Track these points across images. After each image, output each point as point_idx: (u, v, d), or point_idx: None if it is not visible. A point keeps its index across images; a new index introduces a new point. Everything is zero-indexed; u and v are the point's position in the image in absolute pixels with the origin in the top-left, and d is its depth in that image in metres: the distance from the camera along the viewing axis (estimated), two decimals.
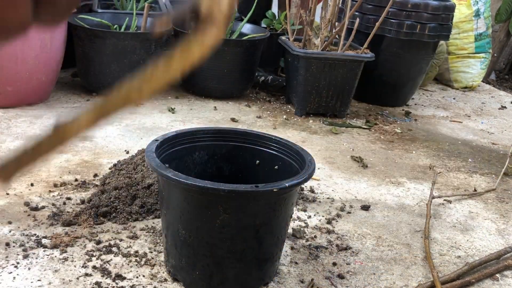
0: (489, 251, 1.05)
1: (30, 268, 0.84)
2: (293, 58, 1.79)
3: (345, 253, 0.99)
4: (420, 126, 1.91)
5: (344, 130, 1.75)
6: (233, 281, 0.80)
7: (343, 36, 1.81)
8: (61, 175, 1.19)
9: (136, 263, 0.88)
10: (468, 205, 1.27)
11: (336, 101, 1.83)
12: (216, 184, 0.70)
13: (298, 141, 1.58)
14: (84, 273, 0.84)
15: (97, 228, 0.97)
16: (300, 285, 0.87)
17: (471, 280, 0.92)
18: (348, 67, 1.77)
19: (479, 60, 2.53)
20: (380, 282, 0.91)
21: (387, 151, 1.59)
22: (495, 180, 1.43)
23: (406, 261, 0.98)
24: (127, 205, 1.03)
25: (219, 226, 0.75)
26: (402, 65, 2.05)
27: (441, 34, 2.02)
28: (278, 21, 2.27)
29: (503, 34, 2.89)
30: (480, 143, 1.78)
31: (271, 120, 1.77)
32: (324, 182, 1.31)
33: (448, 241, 1.08)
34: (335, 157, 1.49)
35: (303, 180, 0.76)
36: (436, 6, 1.97)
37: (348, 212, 1.16)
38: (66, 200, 1.07)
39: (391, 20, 1.97)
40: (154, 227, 1.00)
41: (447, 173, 1.46)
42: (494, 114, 2.20)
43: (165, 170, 0.73)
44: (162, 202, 0.81)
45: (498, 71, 3.15)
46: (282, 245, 0.85)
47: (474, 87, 2.57)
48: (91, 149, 1.35)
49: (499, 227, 1.17)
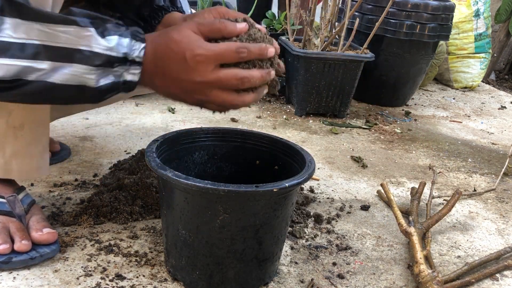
0: (489, 251, 1.05)
1: (30, 268, 0.84)
2: (293, 58, 1.79)
3: (345, 253, 0.99)
4: (420, 126, 1.91)
5: (344, 130, 1.75)
6: (233, 281, 0.80)
7: (343, 36, 1.81)
8: (61, 175, 1.19)
9: (136, 263, 0.88)
10: (468, 205, 1.27)
11: (336, 101, 1.83)
12: (216, 184, 0.71)
13: (298, 141, 1.58)
14: (84, 273, 0.84)
15: (97, 228, 0.97)
16: (300, 285, 0.88)
17: (471, 280, 0.92)
18: (348, 67, 1.77)
19: (479, 60, 2.53)
20: (380, 282, 0.91)
21: (387, 151, 1.60)
22: (495, 180, 1.44)
23: (406, 261, 0.98)
24: (127, 205, 1.03)
25: (219, 226, 0.75)
26: (402, 65, 2.05)
27: (441, 34, 2.02)
28: (278, 21, 2.27)
29: (503, 34, 2.89)
30: (480, 143, 1.78)
31: (271, 120, 1.77)
32: (324, 182, 1.31)
33: (448, 241, 1.08)
34: (335, 157, 1.50)
35: (303, 180, 0.76)
36: (436, 6, 1.97)
37: (348, 212, 1.16)
38: (66, 200, 1.07)
39: (391, 20, 1.97)
40: (154, 227, 1.00)
41: (447, 173, 1.47)
42: (494, 114, 2.20)
43: (165, 170, 0.73)
44: (162, 202, 0.81)
45: (498, 71, 3.15)
46: (282, 245, 0.85)
47: (474, 87, 2.58)
48: (91, 149, 1.35)
49: (499, 227, 1.17)
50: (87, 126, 1.52)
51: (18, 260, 0.83)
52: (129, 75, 0.69)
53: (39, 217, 0.90)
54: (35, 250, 0.85)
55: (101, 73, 0.67)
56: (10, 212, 0.88)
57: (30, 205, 0.91)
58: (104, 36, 0.66)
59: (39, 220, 0.89)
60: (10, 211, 0.88)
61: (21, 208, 0.89)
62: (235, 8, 2.27)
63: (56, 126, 1.47)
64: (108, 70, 0.67)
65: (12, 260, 0.82)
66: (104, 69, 0.67)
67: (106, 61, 0.67)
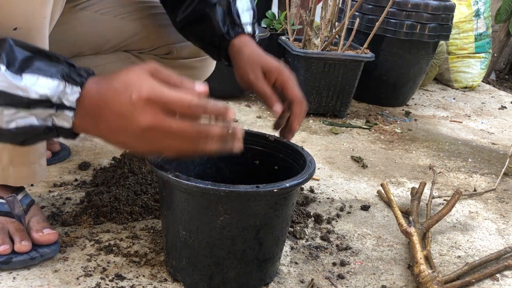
0: (489, 251, 1.05)
1: (30, 268, 0.84)
2: (293, 58, 1.79)
3: (345, 253, 0.99)
4: (420, 126, 1.91)
5: (344, 130, 1.75)
6: (234, 282, 0.80)
7: (343, 36, 1.81)
8: (61, 175, 1.19)
9: (136, 263, 0.88)
10: (468, 205, 1.27)
11: (336, 101, 1.83)
12: (216, 185, 0.71)
13: (298, 141, 1.58)
14: (84, 273, 0.84)
15: (97, 228, 0.97)
16: (300, 285, 0.88)
17: (471, 280, 0.92)
18: (348, 67, 1.77)
19: (479, 60, 2.53)
20: (380, 282, 0.91)
21: (387, 151, 1.59)
22: (495, 180, 1.43)
23: (406, 261, 0.98)
24: (127, 205, 1.03)
25: (219, 227, 0.75)
26: (402, 65, 2.05)
27: (441, 34, 2.02)
28: (278, 21, 2.27)
29: (503, 34, 2.89)
30: (480, 143, 1.78)
31: (271, 120, 1.77)
32: (324, 182, 1.31)
33: (448, 241, 1.08)
34: (335, 157, 1.49)
35: (303, 181, 0.76)
36: (436, 6, 1.97)
37: (348, 212, 1.16)
38: (66, 200, 1.07)
39: (391, 20, 1.97)
40: (154, 227, 1.00)
41: (447, 173, 1.47)
42: (494, 114, 2.20)
43: (165, 171, 0.73)
44: (162, 202, 0.81)
45: (498, 71, 3.15)
46: (282, 245, 0.85)
47: (474, 87, 2.58)
48: (91, 149, 1.35)
49: (499, 227, 1.17)
50: None
51: (18, 260, 0.83)
52: (59, 120, 0.62)
53: (39, 217, 0.90)
54: (35, 250, 0.85)
55: (11, 113, 0.60)
56: (9, 213, 0.88)
57: (29, 205, 0.91)
58: (20, 74, 0.60)
59: (39, 221, 0.89)
60: (9, 212, 0.88)
61: (20, 209, 0.89)
62: None
63: None
64: (21, 110, 0.60)
65: (12, 260, 0.82)
66: (12, 108, 0.60)
67: (12, 100, 0.60)
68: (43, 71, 0.61)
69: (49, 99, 0.61)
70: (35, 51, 0.63)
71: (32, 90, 0.60)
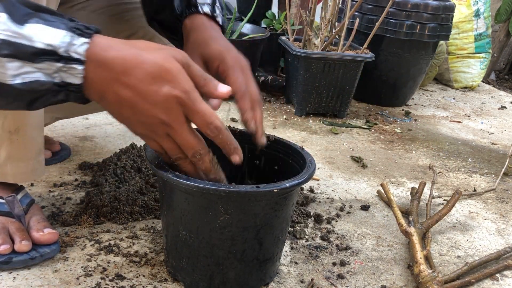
0: (489, 251, 1.05)
1: (30, 268, 0.84)
2: (293, 58, 1.79)
3: (345, 253, 0.99)
4: (420, 126, 1.91)
5: (344, 130, 1.75)
6: (234, 282, 0.80)
7: (343, 36, 1.81)
8: (61, 175, 1.19)
9: (136, 263, 0.88)
10: (468, 205, 1.27)
11: (336, 101, 1.83)
12: (217, 185, 0.71)
13: (298, 141, 1.58)
14: (84, 273, 0.84)
15: (97, 228, 0.97)
16: (300, 285, 0.88)
17: (471, 280, 0.93)
18: (348, 67, 1.77)
19: (479, 60, 2.53)
20: (380, 282, 0.91)
21: (387, 151, 1.60)
22: (495, 180, 1.44)
23: (406, 261, 0.98)
24: (127, 205, 1.03)
25: (219, 227, 0.75)
26: (402, 65, 2.05)
27: (441, 34, 2.02)
28: (278, 21, 2.27)
29: (503, 34, 2.89)
30: (480, 143, 1.78)
31: (271, 120, 1.77)
32: (324, 182, 1.31)
33: (448, 241, 1.08)
34: (335, 157, 1.50)
35: (303, 181, 0.76)
36: (436, 6, 1.97)
37: (348, 212, 1.16)
38: (66, 200, 1.07)
39: (391, 20, 1.97)
40: (154, 227, 1.00)
41: (447, 173, 1.47)
42: (494, 114, 2.20)
43: (166, 171, 0.73)
44: (162, 202, 0.81)
45: (498, 71, 3.15)
46: (282, 245, 0.85)
47: (474, 87, 2.58)
48: (91, 149, 1.35)
49: (499, 227, 1.17)
50: (87, 126, 1.51)
51: (18, 260, 0.83)
52: (68, 75, 0.58)
53: (40, 217, 0.90)
54: (35, 250, 0.85)
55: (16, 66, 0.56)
56: (9, 213, 0.88)
57: (29, 205, 0.91)
58: (23, 24, 0.55)
59: (39, 220, 0.89)
60: (9, 212, 0.88)
61: (20, 208, 0.89)
62: (235, 8, 2.27)
63: (56, 126, 1.47)
64: (26, 63, 0.56)
65: (13, 260, 0.82)
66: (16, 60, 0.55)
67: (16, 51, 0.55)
68: (48, 22, 0.57)
69: (55, 50, 0.56)
70: (38, 7, 0.58)
71: (37, 39, 0.55)
